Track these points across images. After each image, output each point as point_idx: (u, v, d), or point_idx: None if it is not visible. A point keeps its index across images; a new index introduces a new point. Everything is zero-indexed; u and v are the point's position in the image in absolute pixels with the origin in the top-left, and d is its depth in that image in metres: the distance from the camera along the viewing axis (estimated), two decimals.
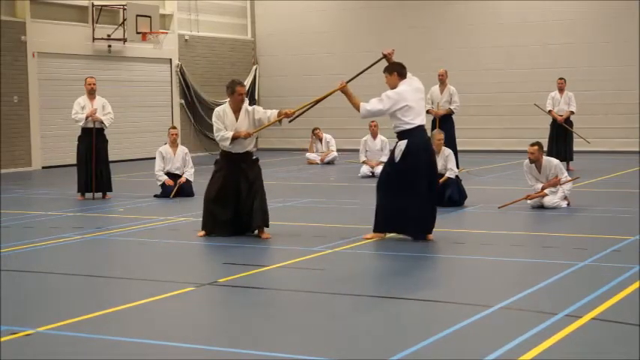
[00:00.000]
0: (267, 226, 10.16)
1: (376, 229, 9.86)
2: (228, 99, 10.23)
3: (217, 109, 10.25)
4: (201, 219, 10.44)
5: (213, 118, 10.21)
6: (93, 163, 14.27)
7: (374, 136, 18.04)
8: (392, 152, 9.86)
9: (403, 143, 9.65)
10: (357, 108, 9.75)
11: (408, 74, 9.93)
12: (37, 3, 21.34)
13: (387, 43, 25.32)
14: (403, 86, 9.77)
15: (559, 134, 18.75)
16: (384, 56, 10.07)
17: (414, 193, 9.59)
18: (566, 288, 7.43)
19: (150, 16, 22.43)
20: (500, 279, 7.99)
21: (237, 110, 10.15)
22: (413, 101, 9.69)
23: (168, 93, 24.85)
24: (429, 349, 5.60)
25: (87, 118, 14.21)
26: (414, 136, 9.66)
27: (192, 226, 11.07)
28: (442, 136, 13.11)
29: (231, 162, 10.19)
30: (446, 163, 12.81)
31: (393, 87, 9.82)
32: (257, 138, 28.26)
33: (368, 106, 9.71)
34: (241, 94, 10.16)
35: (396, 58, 10.21)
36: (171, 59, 24.77)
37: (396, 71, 9.89)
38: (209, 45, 26.12)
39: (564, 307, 6.51)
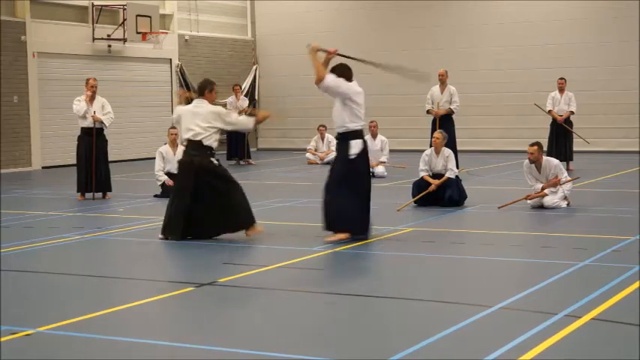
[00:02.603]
0: None
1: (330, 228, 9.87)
2: (201, 97, 10.31)
3: (218, 107, 10.31)
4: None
5: (221, 111, 10.27)
6: (93, 163, 14.28)
7: (374, 136, 18.02)
8: (342, 149, 9.78)
9: (360, 142, 9.71)
10: (321, 77, 9.67)
11: (354, 84, 9.88)
12: (37, 3, 21.35)
13: (387, 43, 25.60)
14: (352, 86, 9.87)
15: (559, 134, 18.76)
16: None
17: (358, 192, 9.70)
18: (566, 288, 7.43)
19: (150, 16, 22.43)
20: (500, 279, 8.00)
21: None
22: (362, 100, 9.81)
23: (168, 93, 24.85)
24: (429, 349, 5.60)
25: (86, 113, 14.23)
26: (362, 137, 9.83)
27: None
28: (440, 135, 13.10)
29: None
30: (446, 163, 12.81)
31: None
32: (257, 138, 28.36)
33: (328, 78, 9.71)
34: (216, 93, 10.50)
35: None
36: (171, 59, 24.78)
37: (344, 76, 9.82)
38: (209, 45, 26.13)
39: (564, 307, 6.51)
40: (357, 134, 9.74)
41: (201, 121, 10.13)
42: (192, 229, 10.07)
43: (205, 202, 9.99)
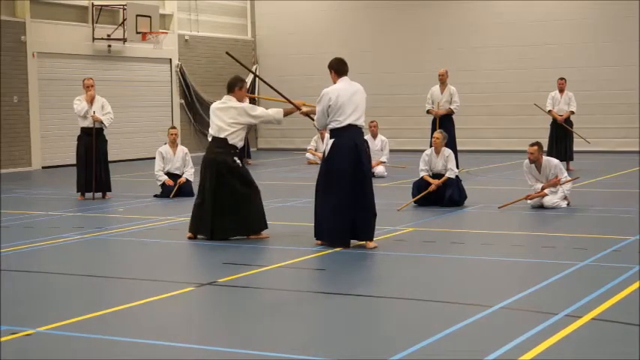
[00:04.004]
0: None
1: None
2: (230, 95, 10.18)
3: (244, 103, 10.24)
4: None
5: (246, 106, 10.17)
6: (93, 163, 14.27)
7: (374, 136, 18.02)
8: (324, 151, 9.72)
9: (330, 142, 9.45)
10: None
11: (346, 79, 9.54)
12: (37, 3, 21.34)
13: (387, 43, 25.60)
14: (339, 84, 9.50)
15: (559, 134, 18.77)
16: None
17: (330, 195, 9.35)
18: (566, 288, 7.43)
19: (150, 16, 22.43)
20: (500, 279, 8.00)
21: None
22: (345, 98, 9.35)
23: (168, 93, 24.85)
24: (429, 349, 5.60)
25: (87, 113, 14.24)
26: (340, 135, 9.37)
27: None
28: (440, 135, 13.09)
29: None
30: (446, 163, 12.81)
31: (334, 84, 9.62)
32: (257, 138, 28.34)
33: (315, 117, 9.66)
34: (247, 90, 10.45)
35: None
36: (171, 59, 24.77)
37: (334, 69, 9.61)
38: (209, 45, 26.12)
39: (564, 307, 6.52)
40: (333, 133, 9.48)
41: (226, 117, 10.06)
42: (208, 229, 10.04)
43: (224, 202, 9.96)
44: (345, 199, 9.31)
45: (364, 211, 9.37)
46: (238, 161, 10.09)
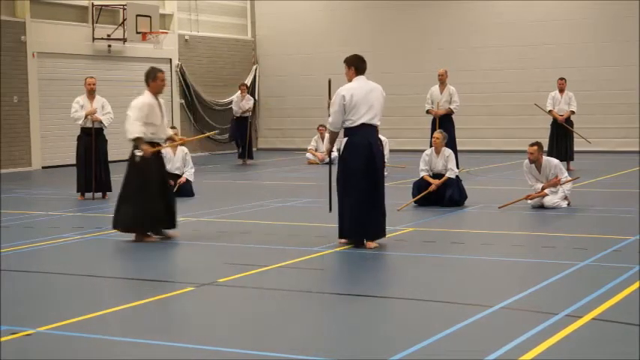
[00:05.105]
0: None
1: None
2: (147, 89, 10.56)
3: (138, 102, 10.43)
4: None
5: (133, 106, 10.40)
6: (93, 163, 14.27)
7: None
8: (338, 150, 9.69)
9: (344, 140, 9.44)
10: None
11: (362, 78, 9.45)
12: (37, 3, 21.35)
13: (387, 43, 25.59)
14: (354, 83, 9.42)
15: (559, 134, 18.77)
16: None
17: (347, 194, 9.36)
18: (566, 288, 7.43)
19: (150, 16, 22.43)
20: (501, 279, 8.00)
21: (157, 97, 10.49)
22: (360, 97, 9.29)
23: (169, 93, 24.83)
24: (429, 349, 5.60)
25: (86, 116, 14.25)
26: (354, 134, 9.37)
27: (192, 225, 11.09)
28: (440, 135, 13.08)
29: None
30: (446, 163, 12.81)
31: (349, 81, 9.50)
32: (257, 138, 28.33)
33: (329, 120, 9.53)
34: (163, 80, 10.62)
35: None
36: (171, 59, 24.77)
37: (354, 65, 9.48)
38: (209, 45, 26.13)
39: (564, 307, 6.52)
40: (347, 132, 9.47)
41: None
42: None
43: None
44: (359, 197, 9.32)
45: (375, 209, 9.39)
46: (138, 154, 10.09)
